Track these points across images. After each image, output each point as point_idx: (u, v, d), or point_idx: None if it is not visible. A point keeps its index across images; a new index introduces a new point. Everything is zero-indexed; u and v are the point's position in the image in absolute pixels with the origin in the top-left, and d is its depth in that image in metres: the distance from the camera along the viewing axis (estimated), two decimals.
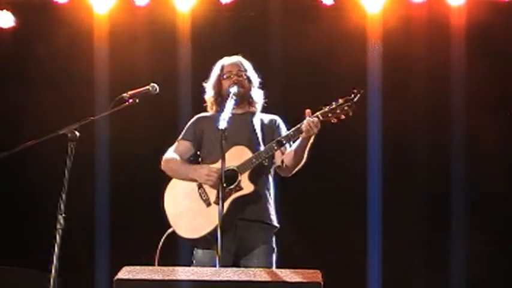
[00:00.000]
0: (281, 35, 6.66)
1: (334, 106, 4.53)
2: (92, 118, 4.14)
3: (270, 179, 4.77)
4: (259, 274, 3.64)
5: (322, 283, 3.54)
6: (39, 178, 6.46)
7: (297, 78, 6.65)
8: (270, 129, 4.81)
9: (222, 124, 4.21)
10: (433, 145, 6.67)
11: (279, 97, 6.47)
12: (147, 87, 4.35)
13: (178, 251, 4.78)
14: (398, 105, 6.52)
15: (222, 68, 4.89)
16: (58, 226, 3.80)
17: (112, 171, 6.56)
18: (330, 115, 4.51)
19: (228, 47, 6.65)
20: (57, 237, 3.79)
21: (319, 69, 6.63)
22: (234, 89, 4.70)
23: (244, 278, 3.58)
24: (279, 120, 4.88)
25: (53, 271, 3.77)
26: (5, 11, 6.82)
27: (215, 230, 4.37)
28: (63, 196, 3.83)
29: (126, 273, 3.61)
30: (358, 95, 4.51)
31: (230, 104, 4.52)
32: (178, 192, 4.73)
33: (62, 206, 3.82)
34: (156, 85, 4.37)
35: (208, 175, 4.59)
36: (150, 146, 6.44)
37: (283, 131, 4.80)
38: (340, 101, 4.53)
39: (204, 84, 4.95)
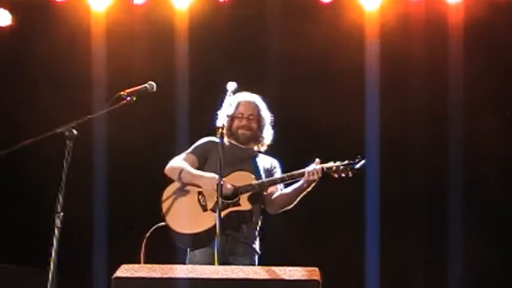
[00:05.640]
0: (279, 33, 6.66)
1: (338, 164, 4.77)
2: (89, 116, 4.13)
3: (260, 210, 4.93)
4: (257, 272, 3.64)
5: (320, 281, 3.54)
6: (37, 176, 6.45)
7: (295, 76, 6.65)
8: (268, 171, 4.98)
9: (220, 122, 4.38)
10: (431, 143, 6.67)
11: (276, 95, 6.49)
12: (145, 85, 4.34)
13: (175, 252, 4.79)
14: (396, 103, 6.52)
15: (238, 105, 4.99)
16: (57, 224, 3.80)
17: (110, 170, 6.56)
18: (333, 169, 4.77)
19: (226, 45, 6.68)
20: (56, 235, 3.79)
21: (317, 67, 6.64)
22: (231, 85, 4.72)
23: (242, 276, 3.58)
24: (277, 164, 5.05)
25: (52, 269, 3.76)
26: (2, 9, 6.81)
27: (207, 231, 4.58)
28: (61, 194, 3.83)
29: (124, 271, 3.61)
30: (362, 162, 4.76)
31: (228, 101, 4.62)
32: (177, 192, 4.83)
33: (61, 204, 3.82)
34: (153, 83, 4.37)
35: (214, 188, 4.63)
36: (147, 144, 6.46)
37: (279, 174, 4.99)
38: (345, 162, 4.77)
39: (218, 113, 4.97)
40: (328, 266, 3.84)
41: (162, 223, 4.73)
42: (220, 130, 4.34)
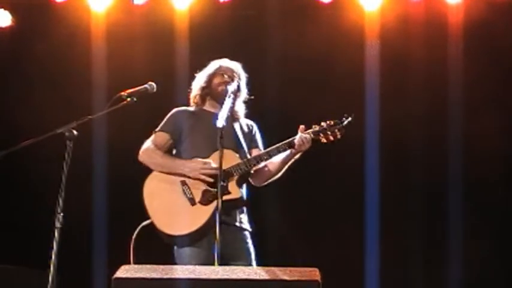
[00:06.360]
0: (279, 33, 6.66)
1: (324, 127, 4.67)
2: (89, 117, 4.14)
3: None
4: (257, 272, 3.64)
5: (320, 281, 3.54)
6: (37, 177, 6.45)
7: (295, 77, 6.64)
8: (248, 135, 4.86)
9: (220, 123, 4.23)
10: (431, 144, 6.67)
11: (276, 95, 6.49)
12: (145, 86, 4.36)
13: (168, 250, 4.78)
14: (396, 103, 6.52)
15: (219, 67, 4.89)
16: (56, 225, 3.81)
17: (110, 170, 6.56)
18: (320, 135, 4.66)
19: (226, 46, 6.67)
20: (56, 235, 3.79)
21: (317, 67, 6.63)
22: (232, 87, 4.71)
23: (242, 276, 3.58)
24: (255, 127, 4.93)
25: (52, 269, 3.77)
26: (2, 9, 6.81)
27: (198, 230, 4.51)
28: (62, 195, 3.83)
29: (124, 271, 3.61)
30: (349, 119, 4.67)
31: (228, 102, 4.54)
32: (159, 185, 4.72)
33: (61, 205, 3.82)
34: (153, 84, 4.38)
35: (203, 168, 4.58)
36: None
37: (258, 137, 4.90)
38: (331, 122, 4.67)
39: (196, 75, 4.95)
40: (327, 266, 3.84)
41: (148, 221, 4.64)
42: (220, 131, 4.24)
